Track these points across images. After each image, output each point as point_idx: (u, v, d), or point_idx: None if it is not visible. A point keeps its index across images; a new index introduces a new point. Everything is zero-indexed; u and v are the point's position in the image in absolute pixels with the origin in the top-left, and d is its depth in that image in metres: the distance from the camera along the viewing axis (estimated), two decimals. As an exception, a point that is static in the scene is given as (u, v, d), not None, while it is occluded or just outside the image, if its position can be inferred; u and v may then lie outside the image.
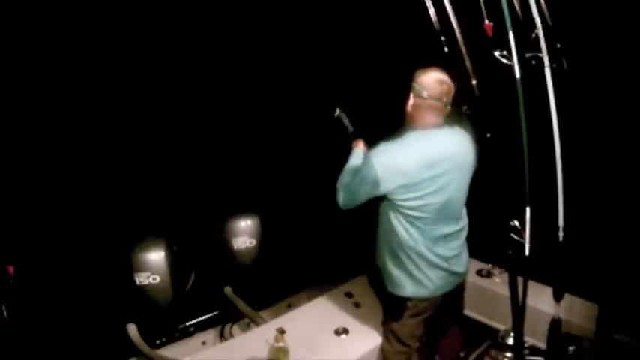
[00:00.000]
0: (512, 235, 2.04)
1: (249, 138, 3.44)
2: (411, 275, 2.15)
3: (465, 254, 2.28)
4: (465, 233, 2.24)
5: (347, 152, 2.36)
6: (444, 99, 2.09)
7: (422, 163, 2.02)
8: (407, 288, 2.17)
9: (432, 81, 2.07)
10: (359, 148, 2.39)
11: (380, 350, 2.45)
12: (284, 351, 2.28)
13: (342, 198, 2.20)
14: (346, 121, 2.62)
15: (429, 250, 2.11)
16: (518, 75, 1.93)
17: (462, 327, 2.66)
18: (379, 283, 2.31)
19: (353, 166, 2.28)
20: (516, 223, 2.00)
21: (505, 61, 2.04)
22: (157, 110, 3.05)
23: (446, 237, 2.15)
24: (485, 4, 1.98)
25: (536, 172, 2.12)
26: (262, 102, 3.43)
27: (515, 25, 2.03)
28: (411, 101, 2.13)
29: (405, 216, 2.09)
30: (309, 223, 3.53)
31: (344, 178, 2.24)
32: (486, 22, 2.02)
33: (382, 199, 2.11)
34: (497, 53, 2.05)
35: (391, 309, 2.30)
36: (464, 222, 2.23)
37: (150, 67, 2.93)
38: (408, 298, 2.19)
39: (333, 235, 3.51)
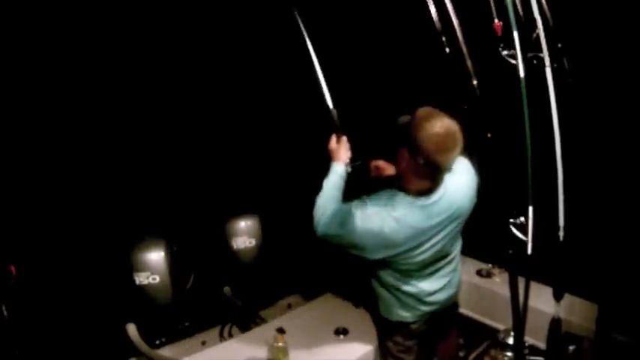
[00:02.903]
0: (518, 232, 2.02)
1: (249, 138, 3.44)
2: (400, 304, 2.08)
3: (456, 276, 2.17)
4: (457, 257, 2.12)
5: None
6: (447, 165, 1.72)
7: (416, 234, 1.82)
8: (397, 314, 2.11)
9: (434, 144, 1.64)
10: (339, 164, 2.06)
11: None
12: (284, 351, 2.28)
13: (320, 231, 1.95)
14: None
15: (417, 287, 2.02)
16: (522, 74, 1.92)
17: (461, 327, 2.67)
18: (370, 303, 2.27)
19: (332, 197, 1.98)
20: (522, 219, 1.98)
21: (512, 60, 2.02)
22: (157, 111, 3.05)
23: (435, 272, 2.04)
24: (487, 3, 1.97)
25: (536, 172, 2.12)
26: (261, 102, 3.43)
27: (518, 25, 2.03)
28: (403, 160, 1.76)
29: (391, 267, 1.97)
30: (309, 223, 3.52)
31: (323, 211, 1.95)
32: (496, 21, 1.99)
33: None
34: (505, 53, 2.02)
35: (382, 328, 2.27)
36: (456, 251, 2.08)
37: (150, 69, 2.93)
38: (399, 322, 2.14)
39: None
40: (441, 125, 1.65)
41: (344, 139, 2.10)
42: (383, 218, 1.79)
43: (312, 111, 3.47)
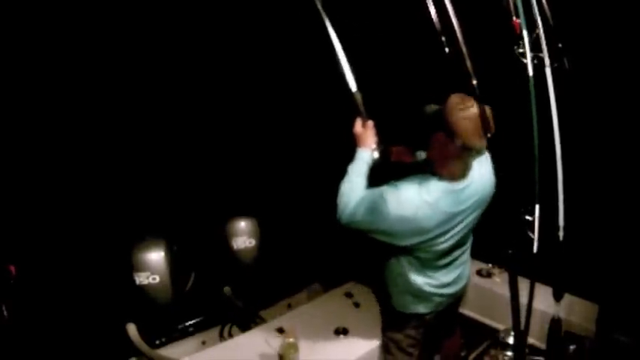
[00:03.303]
0: (527, 230, 2.03)
1: (249, 139, 3.44)
2: (414, 296, 2.10)
3: (467, 267, 2.22)
4: (469, 248, 2.16)
5: (346, 152, 2.26)
6: (482, 148, 1.75)
7: (446, 220, 1.85)
8: (412, 306, 2.13)
9: (468, 126, 1.69)
10: (365, 150, 2.01)
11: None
12: (295, 346, 2.28)
13: (345, 218, 1.90)
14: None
15: (434, 278, 2.06)
16: (531, 73, 1.92)
17: (461, 327, 2.67)
18: (384, 297, 2.26)
19: (358, 183, 1.94)
20: (534, 215, 1.99)
21: (523, 59, 2.01)
22: (158, 111, 3.05)
23: (452, 262, 2.08)
24: (490, 3, 1.97)
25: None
26: (262, 103, 3.43)
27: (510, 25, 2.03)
28: (439, 145, 1.78)
29: (412, 255, 1.98)
30: (308, 223, 3.53)
31: (349, 198, 1.90)
32: (514, 18, 1.98)
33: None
34: (521, 51, 2.02)
35: (394, 322, 2.26)
36: (470, 241, 2.12)
37: (151, 70, 2.93)
38: (413, 314, 2.16)
39: (333, 235, 3.50)
40: (475, 109, 1.71)
41: (370, 123, 2.04)
42: (417, 204, 1.79)
43: (312, 110, 3.49)
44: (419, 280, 2.04)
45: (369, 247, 2.07)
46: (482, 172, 1.93)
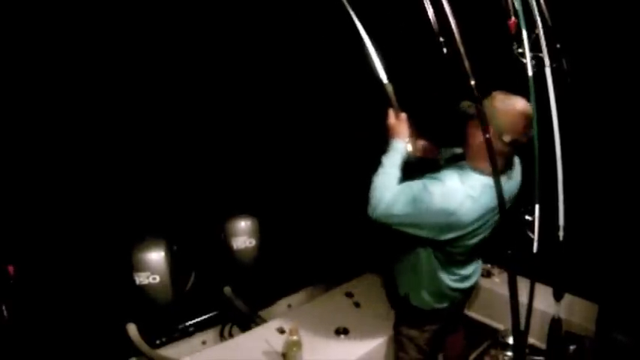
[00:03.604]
0: (527, 230, 2.04)
1: (249, 138, 3.44)
2: (436, 293, 2.12)
3: (480, 262, 2.26)
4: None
5: (347, 153, 2.25)
6: (526, 140, 1.80)
7: (484, 215, 1.86)
8: (433, 303, 2.15)
9: (519, 121, 1.74)
10: (399, 141, 1.97)
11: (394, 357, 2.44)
12: (298, 344, 2.29)
13: (380, 211, 1.83)
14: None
15: (456, 274, 2.09)
16: (530, 73, 1.93)
17: (462, 327, 2.67)
18: (399, 295, 2.26)
19: (393, 175, 1.89)
20: (530, 217, 2.00)
21: (523, 59, 2.02)
22: (158, 111, 3.04)
23: (472, 257, 2.11)
24: (491, 3, 1.97)
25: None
26: (262, 103, 3.42)
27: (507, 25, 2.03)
28: (484, 138, 1.71)
29: (443, 251, 1.99)
30: (309, 223, 3.53)
31: (383, 190, 1.84)
32: (513, 19, 1.99)
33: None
34: (520, 51, 2.02)
35: (412, 318, 2.27)
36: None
37: (151, 70, 2.93)
38: (432, 310, 2.17)
39: (333, 235, 3.51)
40: (524, 105, 1.78)
41: (403, 115, 2.01)
42: (461, 198, 1.79)
43: (311, 112, 3.49)
44: (444, 275, 2.07)
45: (388, 245, 2.07)
46: (514, 172, 1.99)
